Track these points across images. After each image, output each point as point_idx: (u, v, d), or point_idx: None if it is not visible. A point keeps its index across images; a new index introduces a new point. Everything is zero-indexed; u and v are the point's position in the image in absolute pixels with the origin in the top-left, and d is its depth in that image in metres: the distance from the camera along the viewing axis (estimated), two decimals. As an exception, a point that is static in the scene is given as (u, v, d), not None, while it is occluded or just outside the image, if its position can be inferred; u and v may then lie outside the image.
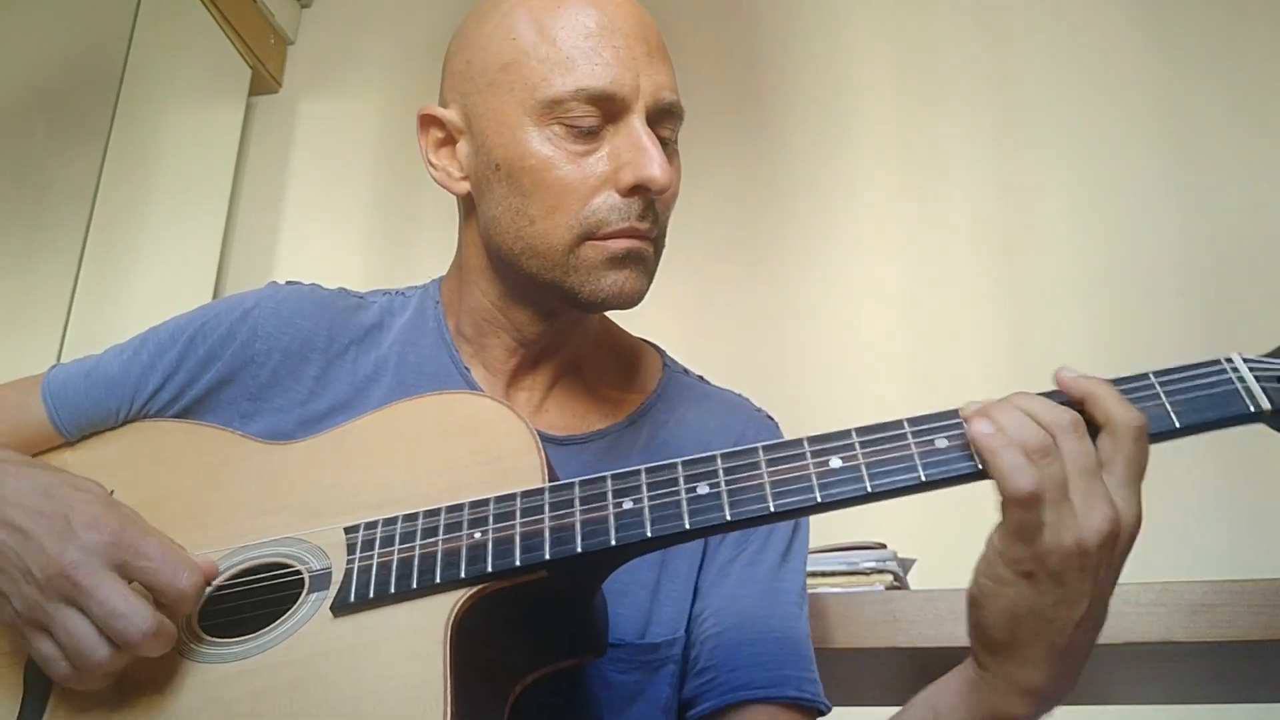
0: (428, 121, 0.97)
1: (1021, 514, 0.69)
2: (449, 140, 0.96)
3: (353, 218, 2.57)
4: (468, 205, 0.98)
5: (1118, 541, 0.69)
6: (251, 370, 0.98)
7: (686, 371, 1.08)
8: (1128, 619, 1.17)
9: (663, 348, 1.09)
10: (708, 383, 1.08)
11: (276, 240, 2.60)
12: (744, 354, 2.14)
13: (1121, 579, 1.19)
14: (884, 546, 1.42)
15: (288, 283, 1.06)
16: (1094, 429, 0.72)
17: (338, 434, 0.90)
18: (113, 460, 0.96)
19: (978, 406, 0.73)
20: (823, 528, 1.09)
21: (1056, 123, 2.20)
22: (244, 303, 1.01)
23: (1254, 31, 2.15)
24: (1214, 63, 2.15)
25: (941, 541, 1.83)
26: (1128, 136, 2.15)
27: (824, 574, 1.36)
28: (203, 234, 2.53)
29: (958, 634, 1.24)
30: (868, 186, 2.27)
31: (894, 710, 0.96)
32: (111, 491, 0.92)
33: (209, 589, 0.81)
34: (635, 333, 1.10)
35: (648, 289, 0.92)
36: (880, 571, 1.39)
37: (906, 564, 1.44)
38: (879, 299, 2.18)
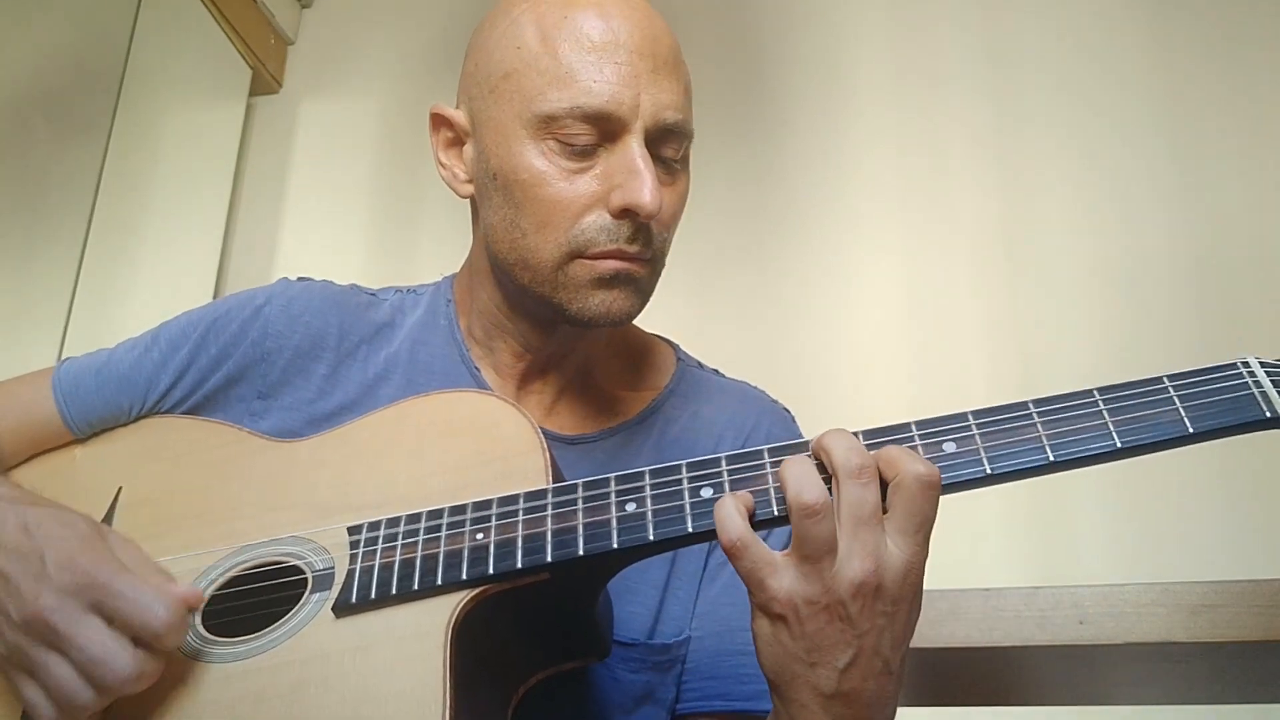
0: (438, 121, 0.96)
1: (733, 562, 0.70)
2: (457, 141, 0.95)
3: (353, 218, 2.57)
4: (475, 207, 0.98)
5: (880, 592, 0.67)
6: (262, 369, 0.98)
7: (701, 365, 1.06)
8: (1128, 619, 1.17)
9: (676, 343, 1.08)
10: (723, 376, 1.07)
11: (277, 240, 2.60)
12: (744, 353, 2.13)
13: (1121, 579, 1.20)
14: (884, 547, 1.42)
15: (299, 278, 1.05)
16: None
17: (343, 432, 0.90)
18: (121, 457, 0.96)
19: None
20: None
21: (1058, 121, 2.20)
22: (255, 299, 1.01)
23: (1257, 26, 2.15)
24: (1217, 59, 2.15)
25: (941, 541, 1.84)
26: (1130, 134, 2.15)
27: (824, 574, 1.36)
28: (203, 234, 2.53)
29: (957, 634, 1.25)
30: (869, 184, 2.27)
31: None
32: (119, 490, 0.92)
33: (199, 610, 0.79)
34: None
35: (640, 308, 0.91)
36: (880, 572, 1.39)
37: (907, 564, 1.43)
38: (880, 297, 2.18)
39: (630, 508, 0.75)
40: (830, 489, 0.69)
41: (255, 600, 0.81)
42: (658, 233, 0.89)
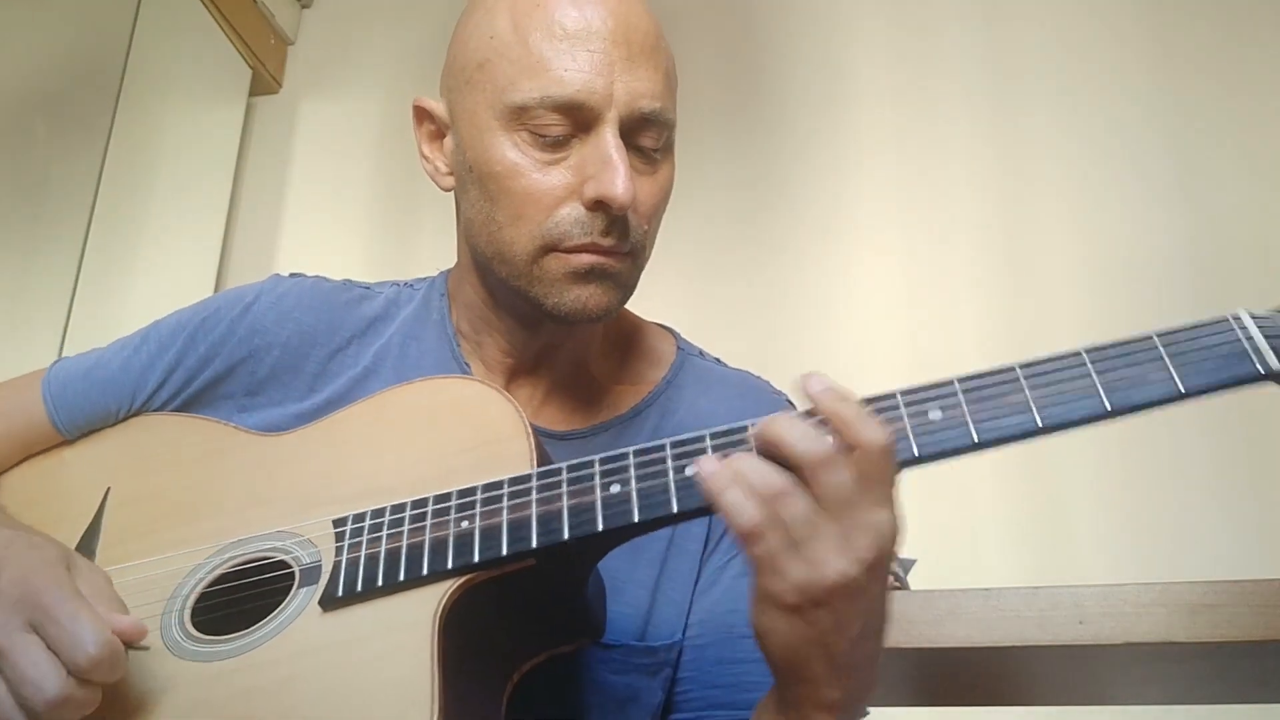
0: (421, 114, 0.95)
1: (751, 548, 0.67)
2: (439, 134, 0.94)
3: (353, 218, 2.57)
4: (458, 200, 0.97)
5: (882, 562, 0.67)
6: (250, 365, 0.98)
7: (703, 354, 1.04)
8: (1128, 619, 1.16)
9: (677, 331, 1.06)
10: (725, 365, 1.04)
11: (277, 241, 2.60)
12: (743, 350, 2.12)
13: (1122, 579, 1.19)
14: (883, 546, 1.41)
15: (291, 274, 1.05)
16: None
17: (329, 423, 0.90)
18: (109, 457, 0.97)
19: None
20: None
21: (1057, 115, 2.20)
22: (245, 296, 1.01)
23: (1256, 21, 2.15)
24: (1216, 53, 2.15)
25: (941, 542, 1.83)
26: (1129, 129, 2.15)
27: (822, 574, 1.35)
28: (203, 234, 2.53)
29: (958, 634, 1.24)
30: (868, 181, 2.26)
31: (894, 711, 0.95)
32: (107, 490, 0.92)
33: (146, 639, 0.76)
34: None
35: (620, 304, 0.90)
36: (879, 571, 1.38)
37: (907, 564, 1.43)
38: (880, 294, 2.17)
39: (615, 489, 0.73)
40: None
41: (243, 597, 0.80)
42: (636, 225, 0.87)
